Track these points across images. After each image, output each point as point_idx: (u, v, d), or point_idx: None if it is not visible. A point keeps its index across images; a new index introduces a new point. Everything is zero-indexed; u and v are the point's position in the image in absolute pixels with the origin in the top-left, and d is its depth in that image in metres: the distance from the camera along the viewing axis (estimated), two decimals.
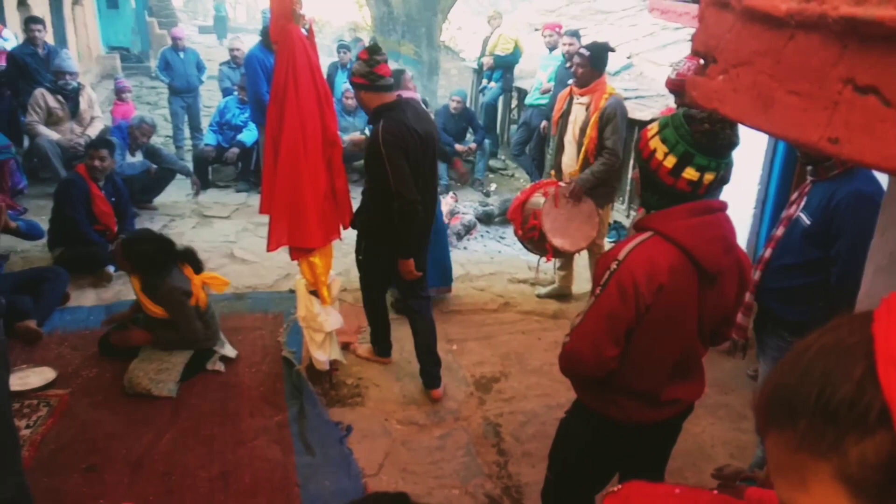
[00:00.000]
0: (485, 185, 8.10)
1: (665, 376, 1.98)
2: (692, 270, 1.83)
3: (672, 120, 1.82)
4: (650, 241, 1.84)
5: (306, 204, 3.31)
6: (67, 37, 11.50)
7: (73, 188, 5.02)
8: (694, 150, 1.77)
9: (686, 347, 1.99)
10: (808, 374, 0.62)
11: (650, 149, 1.85)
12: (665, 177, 1.82)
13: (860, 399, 0.57)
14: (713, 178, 1.81)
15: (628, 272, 1.80)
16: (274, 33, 3.20)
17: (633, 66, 7.13)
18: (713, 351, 4.18)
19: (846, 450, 0.58)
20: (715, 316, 1.99)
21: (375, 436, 3.42)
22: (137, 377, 3.58)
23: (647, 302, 1.81)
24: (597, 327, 1.85)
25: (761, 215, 4.89)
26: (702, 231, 1.83)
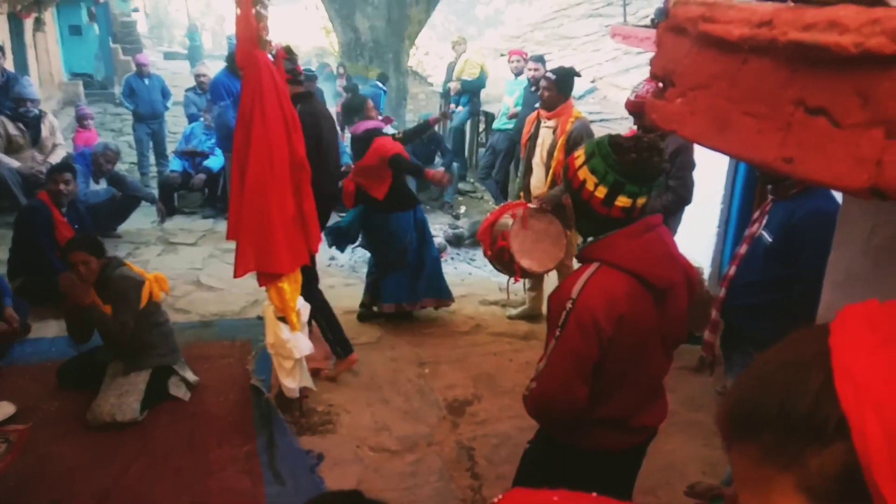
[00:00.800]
0: (454, 208, 8.14)
1: (637, 401, 1.97)
2: (646, 293, 1.82)
3: (598, 148, 1.81)
4: (600, 272, 1.81)
5: (274, 229, 3.28)
6: (29, 63, 11.32)
7: (35, 215, 4.91)
8: (624, 179, 1.76)
9: (655, 369, 1.99)
10: (768, 388, 0.63)
11: (580, 179, 1.83)
12: (598, 207, 1.81)
13: (818, 411, 0.58)
14: (646, 200, 1.82)
15: (586, 309, 1.77)
16: (240, 58, 3.20)
17: (597, 89, 7.27)
18: (682, 369, 4.26)
19: (807, 461, 0.59)
20: (674, 328, 2.00)
21: (347, 463, 3.38)
22: (99, 406, 3.49)
23: (608, 335, 1.78)
24: (564, 369, 1.82)
25: (725, 234, 4.99)
26: (647, 251, 1.83)
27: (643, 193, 1.79)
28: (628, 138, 1.79)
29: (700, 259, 5.05)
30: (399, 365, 4.34)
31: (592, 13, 10.53)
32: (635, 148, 1.75)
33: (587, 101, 6.96)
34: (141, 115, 8.36)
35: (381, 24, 13.87)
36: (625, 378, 1.90)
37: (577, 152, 1.88)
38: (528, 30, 11.70)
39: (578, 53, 8.78)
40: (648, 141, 1.77)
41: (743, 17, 0.93)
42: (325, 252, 6.04)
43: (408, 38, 14.37)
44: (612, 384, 1.89)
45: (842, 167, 0.80)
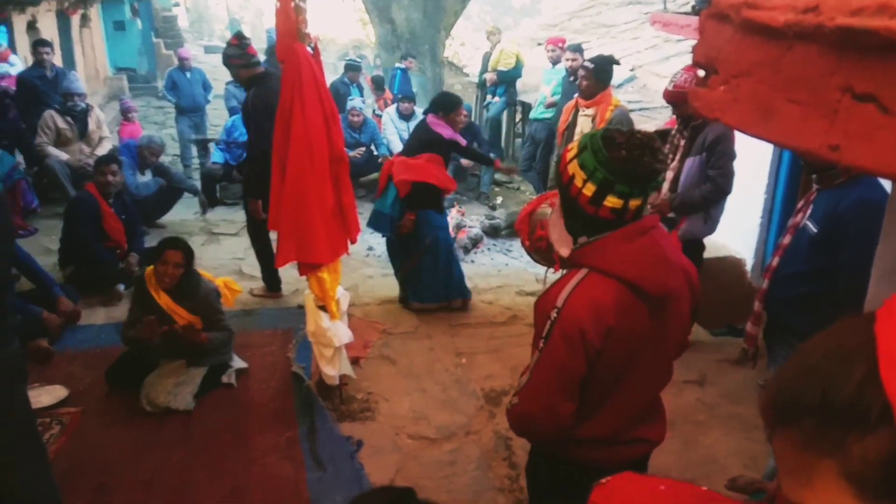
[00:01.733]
0: (491, 199, 8.13)
1: (629, 418, 1.81)
2: (640, 302, 1.67)
3: (591, 142, 1.65)
4: (588, 279, 1.67)
5: (314, 220, 3.33)
6: (76, 59, 11.66)
7: (83, 206, 5.07)
8: (613, 178, 1.61)
9: (650, 382, 1.84)
10: (812, 375, 0.64)
11: (569, 174, 1.68)
12: (586, 206, 1.65)
13: (862, 398, 0.59)
14: (640, 202, 1.65)
15: (572, 320, 1.62)
16: (280, 52, 3.25)
17: (637, 78, 7.16)
18: (723, 361, 4.20)
19: (849, 448, 0.59)
20: (674, 337, 1.85)
21: (386, 451, 3.42)
22: (156, 392, 3.58)
23: (596, 348, 1.64)
24: (548, 385, 1.67)
25: (768, 224, 4.89)
26: (640, 257, 1.67)
27: (636, 195, 1.63)
28: (622, 133, 1.65)
29: (742, 250, 4.96)
30: (436, 354, 4.38)
31: (632, 0, 10.36)
32: (626, 145, 1.60)
33: (626, 89, 6.88)
34: (183, 108, 8.55)
35: (418, 16, 13.88)
36: (615, 392, 1.75)
37: (571, 144, 1.74)
38: (565, 18, 11.57)
39: (617, 42, 8.66)
40: (642, 138, 1.63)
41: (787, 4, 0.92)
42: (363, 242, 6.10)
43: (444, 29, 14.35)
44: (601, 399, 1.75)
45: (890, 154, 0.79)
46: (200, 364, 3.75)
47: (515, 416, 1.78)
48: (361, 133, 7.79)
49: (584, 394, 1.71)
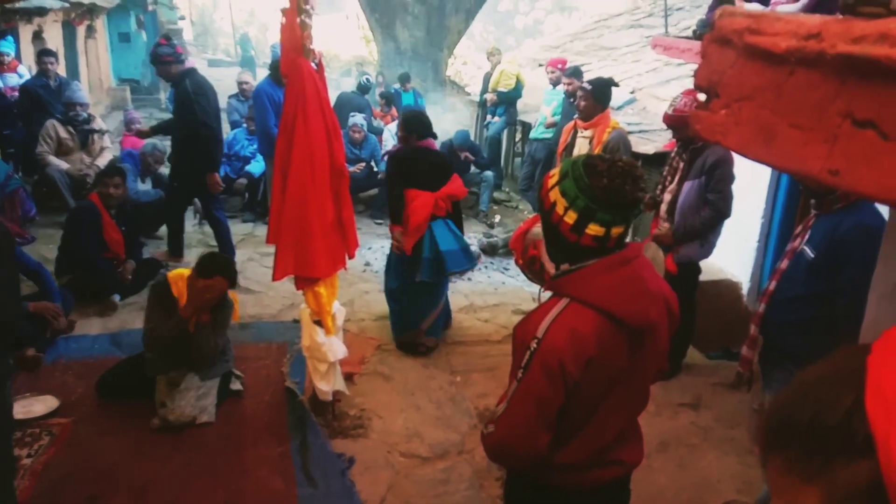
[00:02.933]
0: (489, 217, 8.14)
1: (605, 443, 1.80)
2: (618, 332, 1.65)
3: (572, 169, 1.65)
4: (568, 310, 1.65)
5: (313, 234, 3.34)
6: (80, 69, 11.71)
7: (85, 215, 5.06)
8: (595, 206, 1.60)
9: (627, 408, 1.83)
10: (802, 400, 0.65)
11: (550, 200, 1.67)
12: (567, 233, 1.65)
13: (849, 425, 0.59)
14: (622, 230, 1.65)
15: (551, 351, 1.60)
16: (284, 67, 3.27)
17: (637, 100, 7.21)
18: (718, 385, 4.20)
19: (834, 474, 0.60)
20: (652, 364, 1.84)
21: (378, 468, 3.40)
22: (181, 408, 3.55)
23: (575, 379, 1.63)
24: (526, 415, 1.66)
25: (765, 248, 4.90)
26: (622, 288, 1.66)
27: (618, 223, 1.62)
28: (604, 161, 1.63)
29: (739, 274, 4.97)
30: (431, 372, 4.36)
31: (633, 24, 10.47)
32: (608, 173, 1.59)
33: (626, 111, 6.92)
34: None
35: (421, 34, 14.02)
36: (591, 419, 1.74)
37: (553, 171, 1.73)
38: (567, 40, 11.68)
39: (618, 64, 8.73)
40: (623, 166, 1.62)
41: (790, 30, 0.93)
42: (361, 258, 6.10)
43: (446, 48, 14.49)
44: (578, 426, 1.74)
45: (890, 180, 0.80)
46: (212, 376, 3.73)
47: (491, 444, 1.76)
48: (362, 149, 7.82)
49: (561, 421, 1.70)
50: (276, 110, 6.12)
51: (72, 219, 5.16)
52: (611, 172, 1.59)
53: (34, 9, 8.38)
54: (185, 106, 5.29)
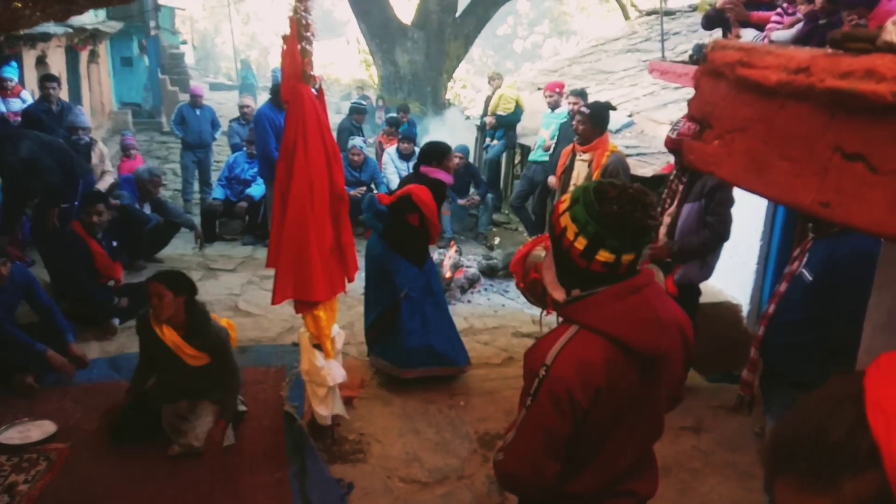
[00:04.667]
0: (488, 239, 8.16)
1: (617, 473, 1.77)
2: (630, 361, 1.63)
3: (583, 195, 1.64)
4: (577, 337, 1.63)
5: (312, 258, 3.35)
6: (82, 93, 11.81)
7: (71, 250, 5.06)
8: (605, 232, 1.59)
9: (640, 437, 1.80)
10: (806, 422, 0.70)
11: (561, 226, 1.67)
12: (578, 259, 1.64)
13: (852, 440, 0.64)
14: (633, 257, 1.64)
15: (560, 380, 1.59)
16: (285, 92, 3.30)
17: (635, 123, 7.26)
18: (719, 408, 4.17)
19: (841, 487, 0.64)
20: (667, 392, 1.82)
21: (377, 494, 3.37)
22: (204, 433, 3.54)
23: (584, 408, 1.61)
24: (533, 445, 1.64)
25: (764, 271, 4.91)
26: (632, 315, 1.64)
27: (628, 250, 1.62)
28: (615, 187, 1.62)
29: (738, 296, 4.98)
30: (430, 396, 4.34)
31: (630, 48, 10.58)
32: (618, 200, 1.59)
33: (624, 135, 6.97)
34: (189, 144, 8.63)
35: (420, 59, 14.17)
36: (602, 449, 1.72)
37: (565, 196, 1.72)
38: (565, 64, 11.78)
39: (616, 88, 8.81)
40: (634, 193, 1.61)
41: (780, 63, 0.95)
42: (360, 281, 6.09)
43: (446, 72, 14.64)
44: (588, 456, 1.72)
45: (879, 213, 0.81)
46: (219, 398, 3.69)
47: (501, 473, 1.76)
48: (362, 172, 7.86)
49: (570, 451, 1.68)
50: (277, 134, 6.17)
51: (60, 253, 5.13)
52: (621, 199, 1.59)
53: (38, 34, 8.47)
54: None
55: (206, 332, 3.57)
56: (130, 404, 3.69)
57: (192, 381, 3.59)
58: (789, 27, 3.75)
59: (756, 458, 3.66)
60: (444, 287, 6.09)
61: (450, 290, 6.14)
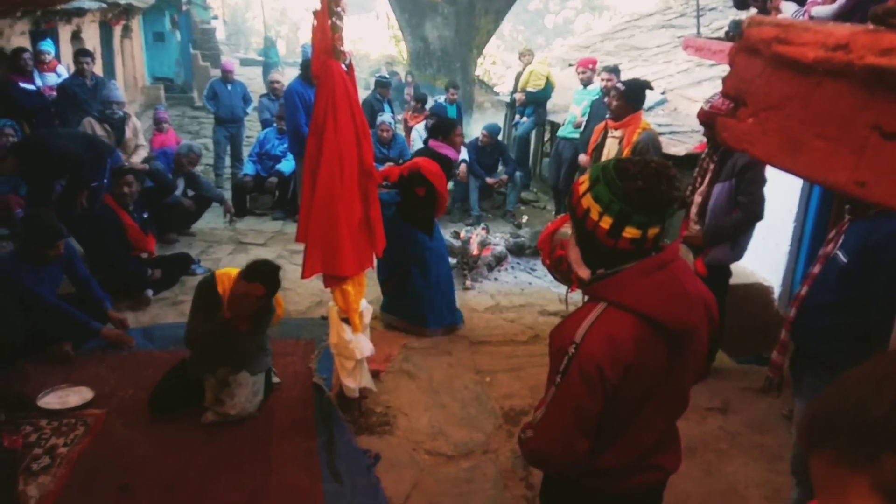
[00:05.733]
0: (516, 217, 8.13)
1: (644, 448, 1.78)
2: (658, 337, 1.63)
3: (603, 174, 1.63)
4: (606, 315, 1.63)
5: (341, 233, 3.38)
6: (115, 68, 11.95)
7: (103, 224, 5.17)
8: (630, 208, 1.59)
9: (666, 413, 1.81)
10: (847, 398, 0.70)
11: (583, 207, 1.66)
12: (604, 238, 1.64)
13: (892, 417, 0.65)
14: (658, 231, 1.63)
15: (590, 358, 1.59)
16: (316, 68, 3.31)
17: (668, 101, 7.15)
18: (747, 390, 4.15)
19: (882, 463, 0.65)
20: (692, 369, 1.82)
21: (403, 465, 3.43)
22: (241, 403, 3.62)
23: (614, 385, 1.61)
24: (563, 423, 1.65)
25: (797, 252, 4.83)
26: (660, 291, 1.63)
27: (654, 223, 1.61)
28: (636, 163, 1.62)
29: (770, 277, 4.91)
30: (456, 371, 4.38)
31: (665, 24, 10.36)
32: (642, 175, 1.58)
33: (657, 112, 6.86)
34: (221, 119, 8.70)
35: (450, 34, 14.05)
36: (631, 425, 1.73)
37: (582, 177, 1.71)
38: (597, 40, 11.60)
39: (649, 65, 8.66)
40: (657, 167, 1.60)
41: (818, 40, 0.93)
42: None
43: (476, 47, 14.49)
44: (617, 432, 1.73)
45: None
46: (262, 369, 3.79)
47: (529, 450, 1.77)
48: (391, 148, 7.86)
49: (600, 427, 1.69)
50: (307, 109, 6.20)
51: (93, 227, 5.25)
52: (645, 174, 1.58)
53: (73, 10, 8.58)
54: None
55: (268, 313, 3.70)
56: (170, 374, 3.80)
57: (235, 349, 3.65)
58: (831, 2, 3.64)
59: (783, 440, 3.64)
60: (472, 265, 6.11)
61: (477, 267, 6.15)
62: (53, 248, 4.13)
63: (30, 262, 4.14)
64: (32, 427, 3.50)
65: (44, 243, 4.11)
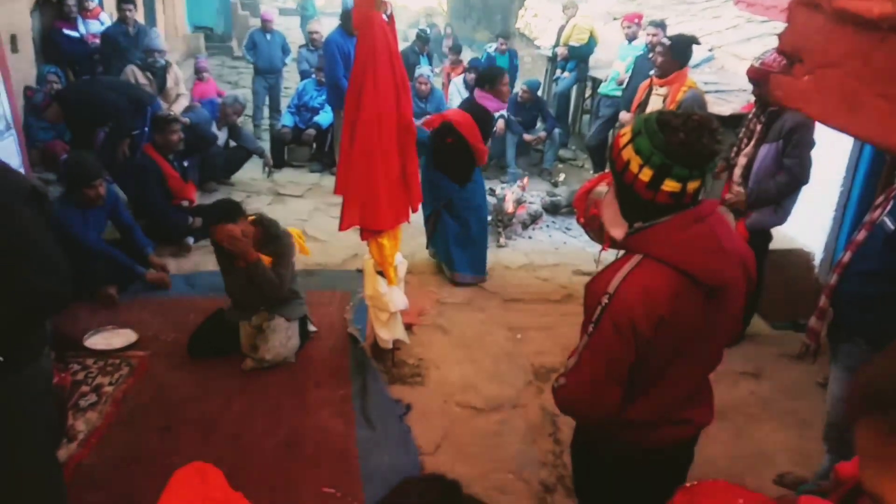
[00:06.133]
0: (553, 175, 8.03)
1: (676, 401, 1.80)
2: (694, 290, 1.63)
3: (645, 126, 1.62)
4: (641, 266, 1.64)
5: (378, 187, 3.39)
6: (157, 16, 11.97)
7: (144, 171, 5.25)
8: (671, 161, 1.58)
9: (700, 368, 1.82)
10: None
11: (623, 160, 1.66)
12: (643, 191, 1.63)
13: None
14: (698, 185, 1.62)
15: (622, 308, 1.61)
16: (356, 20, 3.28)
17: (715, 58, 6.91)
18: (782, 356, 4.11)
19: None
20: (727, 326, 1.83)
21: (434, 415, 3.50)
22: (275, 348, 3.72)
23: (646, 337, 1.62)
24: (595, 371, 1.68)
25: (842, 219, 4.70)
26: (696, 244, 1.64)
27: (694, 177, 1.60)
28: (678, 116, 1.60)
29: (812, 243, 4.80)
30: (488, 328, 4.42)
31: None
32: (683, 127, 1.57)
33: (703, 70, 6.65)
34: (260, 69, 8.71)
35: None
36: (663, 377, 1.74)
37: (624, 130, 1.70)
38: None
39: (697, 20, 8.37)
40: (699, 120, 1.59)
41: None
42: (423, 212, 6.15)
43: None
44: (649, 383, 1.74)
45: None
46: (296, 315, 3.86)
47: (561, 397, 1.79)
48: (428, 102, 7.79)
49: (632, 378, 1.70)
50: (346, 61, 6.16)
51: (134, 177, 5.34)
52: (687, 127, 1.57)
53: None
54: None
55: (276, 240, 3.73)
56: (207, 320, 3.91)
57: (264, 288, 3.68)
58: None
59: (816, 407, 3.61)
60: (506, 222, 6.09)
61: (511, 225, 6.13)
62: (93, 187, 4.24)
63: (75, 206, 4.26)
64: (80, 366, 3.66)
65: (84, 182, 4.22)
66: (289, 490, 2.91)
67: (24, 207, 1.80)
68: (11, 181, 1.84)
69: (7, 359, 1.76)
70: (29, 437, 1.91)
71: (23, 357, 1.84)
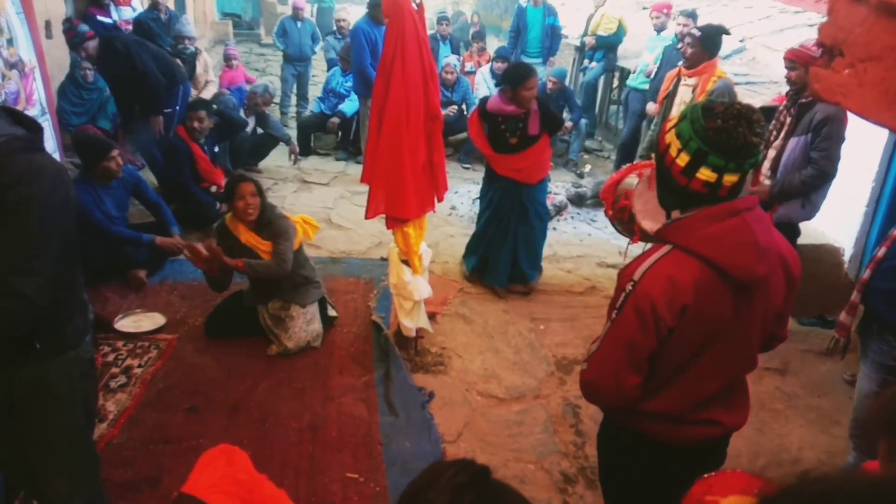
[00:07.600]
0: (578, 166, 7.98)
1: (700, 398, 1.78)
2: (723, 284, 1.62)
3: (691, 112, 1.62)
4: (669, 256, 1.65)
5: (405, 176, 3.40)
6: (186, 3, 12.07)
7: (177, 153, 5.34)
8: (707, 148, 1.57)
9: (730, 366, 1.78)
10: None
11: (665, 143, 1.66)
12: (678, 176, 1.63)
13: None
14: (736, 179, 1.60)
15: (645, 295, 1.62)
16: (386, 7, 3.28)
17: (746, 49, 6.81)
18: (808, 352, 4.06)
19: None
20: (764, 325, 1.79)
21: (456, 404, 3.52)
22: (297, 334, 3.77)
23: (668, 325, 1.63)
24: (615, 356, 1.69)
25: (874, 214, 4.62)
26: (726, 238, 1.62)
27: (731, 169, 1.57)
28: (722, 104, 1.60)
29: (842, 239, 4.72)
30: (511, 318, 4.42)
31: None
32: (723, 115, 1.56)
33: (734, 61, 6.55)
34: (289, 56, 8.74)
35: None
36: (687, 371, 1.73)
37: (673, 114, 1.75)
38: None
39: (729, 10, 8.23)
40: (741, 109, 1.57)
41: None
42: (447, 202, 6.16)
43: None
44: (671, 376, 1.74)
45: None
46: (312, 300, 3.89)
47: (583, 381, 1.81)
48: (454, 91, 7.77)
49: (653, 368, 1.71)
50: (373, 50, 6.16)
51: (166, 158, 5.45)
52: (726, 114, 1.56)
53: None
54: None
55: (272, 223, 3.74)
56: (226, 301, 3.99)
57: (273, 281, 3.73)
58: None
59: (842, 404, 3.57)
60: None
61: None
62: (111, 158, 4.28)
63: (91, 184, 4.30)
64: (110, 347, 3.74)
65: (102, 155, 4.26)
66: (313, 474, 2.95)
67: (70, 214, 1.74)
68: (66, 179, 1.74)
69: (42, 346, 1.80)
70: (68, 420, 1.95)
71: (61, 346, 1.87)
